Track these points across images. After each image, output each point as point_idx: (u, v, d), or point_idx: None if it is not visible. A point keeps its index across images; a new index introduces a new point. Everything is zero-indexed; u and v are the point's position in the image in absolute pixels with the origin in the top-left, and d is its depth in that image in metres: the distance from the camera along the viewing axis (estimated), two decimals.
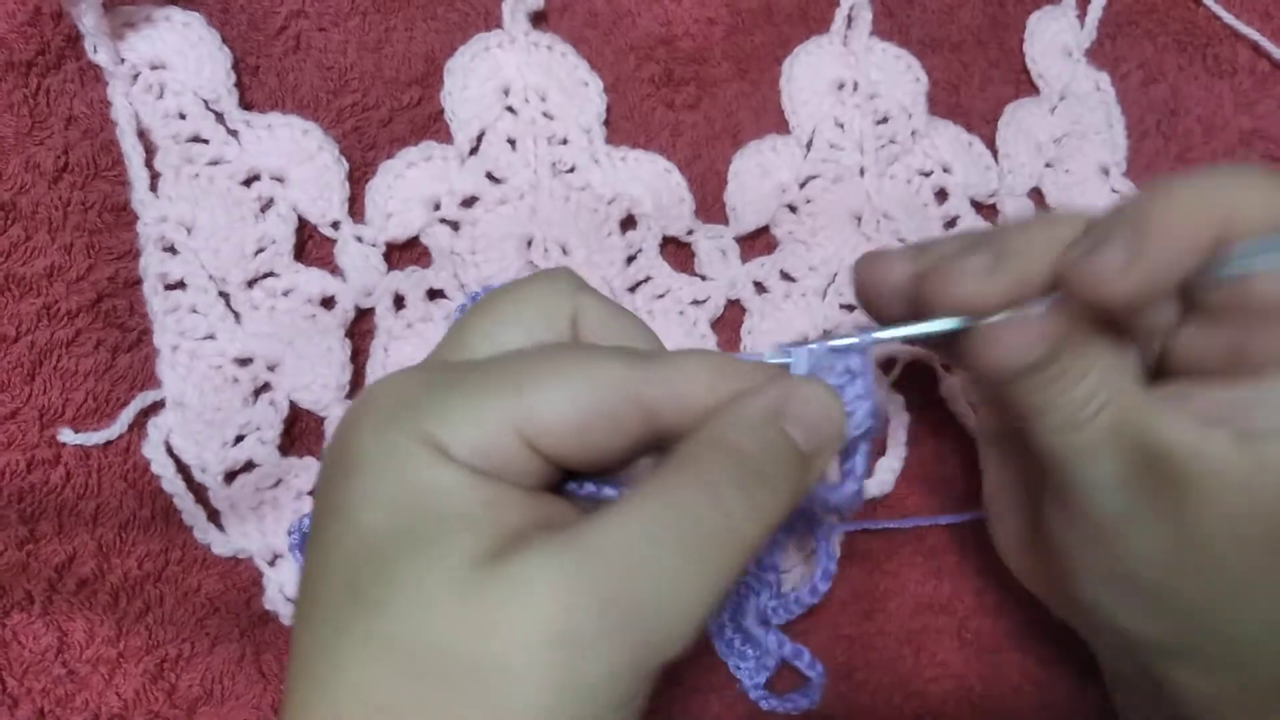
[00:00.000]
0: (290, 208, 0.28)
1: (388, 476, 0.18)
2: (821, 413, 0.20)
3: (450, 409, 0.18)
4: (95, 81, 0.26)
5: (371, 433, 0.19)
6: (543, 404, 0.18)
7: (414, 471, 0.18)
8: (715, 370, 0.20)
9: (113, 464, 0.26)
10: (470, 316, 0.21)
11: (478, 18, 0.30)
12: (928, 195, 0.34)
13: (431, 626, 0.17)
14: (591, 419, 0.19)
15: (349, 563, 0.18)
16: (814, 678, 0.28)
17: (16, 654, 0.25)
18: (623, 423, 0.19)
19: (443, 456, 0.18)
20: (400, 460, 0.18)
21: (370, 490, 0.18)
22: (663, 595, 0.17)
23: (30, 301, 0.26)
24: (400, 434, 0.18)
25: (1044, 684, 0.32)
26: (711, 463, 0.18)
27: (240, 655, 0.27)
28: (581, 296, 0.21)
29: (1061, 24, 0.36)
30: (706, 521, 0.18)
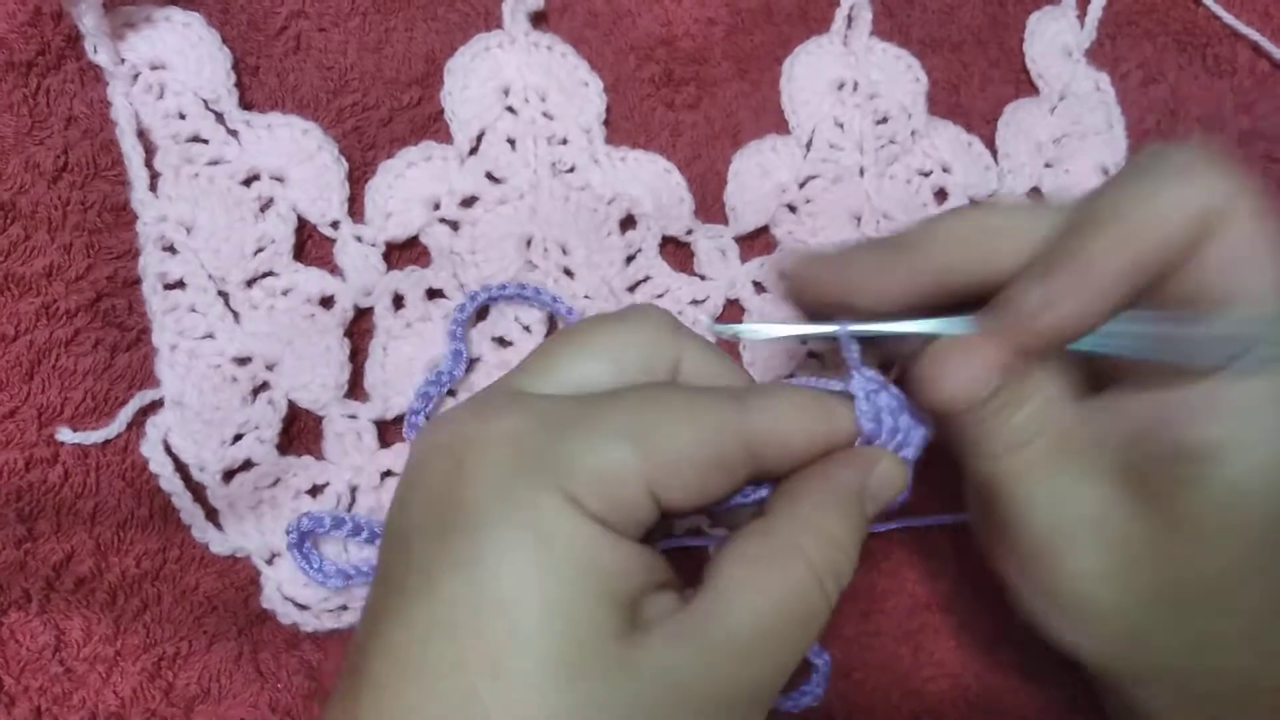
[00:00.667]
0: (290, 207, 0.28)
1: (523, 532, 0.18)
2: (893, 490, 0.22)
3: (578, 459, 0.18)
4: (95, 81, 0.26)
5: (498, 476, 0.18)
6: (670, 453, 0.19)
7: (562, 536, 0.18)
8: (805, 409, 0.21)
9: (111, 463, 0.26)
10: (560, 345, 0.21)
11: (478, 18, 0.30)
12: (927, 195, 0.34)
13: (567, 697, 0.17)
14: (711, 465, 0.19)
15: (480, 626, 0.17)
16: (820, 665, 0.28)
17: (14, 652, 0.25)
18: (734, 465, 0.20)
19: (580, 513, 0.18)
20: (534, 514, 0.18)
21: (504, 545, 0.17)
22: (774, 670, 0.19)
23: (29, 301, 0.26)
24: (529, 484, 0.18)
25: (1042, 683, 0.32)
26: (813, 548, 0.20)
27: (238, 653, 0.27)
28: (683, 340, 0.22)
29: (1061, 24, 0.36)
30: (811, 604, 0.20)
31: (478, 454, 0.19)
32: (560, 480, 0.18)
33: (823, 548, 0.20)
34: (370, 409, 0.28)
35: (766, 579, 0.19)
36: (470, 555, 0.18)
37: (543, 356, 0.21)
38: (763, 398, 0.21)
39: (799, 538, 0.20)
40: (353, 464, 0.28)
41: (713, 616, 0.19)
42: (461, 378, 0.28)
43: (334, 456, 0.28)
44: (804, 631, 0.20)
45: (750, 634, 0.19)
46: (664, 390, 0.20)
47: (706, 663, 0.18)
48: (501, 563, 0.17)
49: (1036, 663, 0.31)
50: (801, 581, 0.19)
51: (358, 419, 0.28)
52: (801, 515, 0.20)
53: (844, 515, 0.21)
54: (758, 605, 0.19)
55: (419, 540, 0.19)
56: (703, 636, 0.18)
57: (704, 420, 0.19)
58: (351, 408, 0.28)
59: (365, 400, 0.28)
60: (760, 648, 0.19)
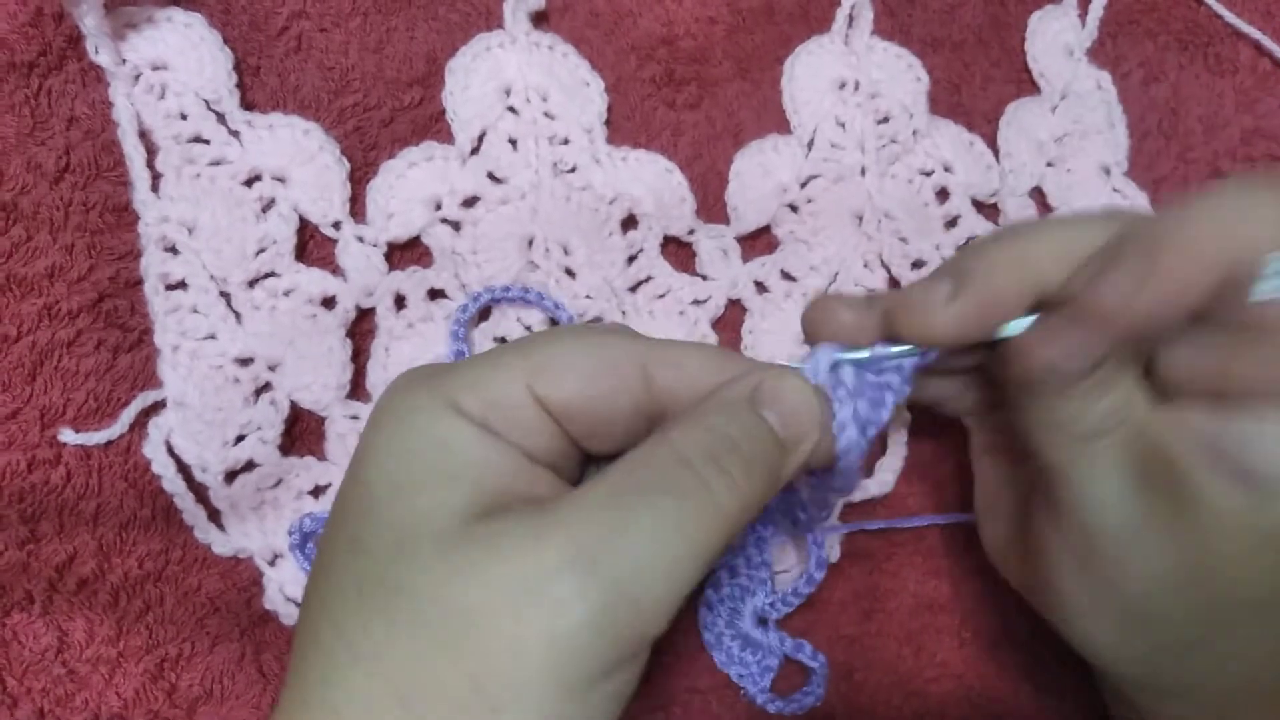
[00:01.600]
0: (291, 208, 0.28)
1: (398, 431, 0.19)
2: (799, 402, 0.20)
3: (468, 369, 0.20)
4: (97, 82, 0.26)
5: (393, 394, 0.20)
6: (555, 358, 0.20)
7: (423, 426, 0.19)
8: (717, 358, 0.21)
9: (113, 464, 0.26)
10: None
11: (479, 18, 0.30)
12: (929, 195, 0.34)
13: (414, 576, 0.17)
14: (598, 380, 0.20)
15: (351, 515, 0.19)
16: (817, 668, 0.29)
17: (16, 653, 0.25)
18: (627, 389, 0.20)
19: (454, 412, 0.19)
20: (411, 416, 0.19)
21: (381, 444, 0.19)
22: (635, 556, 0.17)
23: (31, 302, 0.26)
24: (418, 393, 0.19)
25: (1044, 684, 0.32)
26: (685, 435, 0.19)
27: (240, 655, 0.27)
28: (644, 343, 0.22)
29: (1063, 23, 0.36)
30: (678, 485, 0.18)
31: (400, 377, 0.20)
32: (442, 389, 0.19)
33: (702, 440, 0.19)
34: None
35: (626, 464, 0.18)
36: (360, 453, 0.19)
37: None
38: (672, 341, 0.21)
39: (673, 431, 0.19)
40: None
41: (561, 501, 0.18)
42: None
43: (336, 457, 0.28)
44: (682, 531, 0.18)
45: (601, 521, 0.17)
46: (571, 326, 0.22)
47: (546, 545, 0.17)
48: (375, 455, 0.19)
49: (1038, 663, 0.32)
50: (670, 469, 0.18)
51: (360, 420, 0.28)
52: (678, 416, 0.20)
53: (730, 414, 0.19)
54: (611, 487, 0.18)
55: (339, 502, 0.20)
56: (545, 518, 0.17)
57: (597, 342, 0.20)
58: (353, 408, 0.28)
59: (367, 401, 0.28)
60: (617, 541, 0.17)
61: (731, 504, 0.19)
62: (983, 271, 0.22)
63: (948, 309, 0.21)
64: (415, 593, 0.17)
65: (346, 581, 0.18)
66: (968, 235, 0.34)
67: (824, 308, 0.23)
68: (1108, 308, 0.20)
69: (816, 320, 0.23)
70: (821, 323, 0.23)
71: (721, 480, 0.18)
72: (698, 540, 0.18)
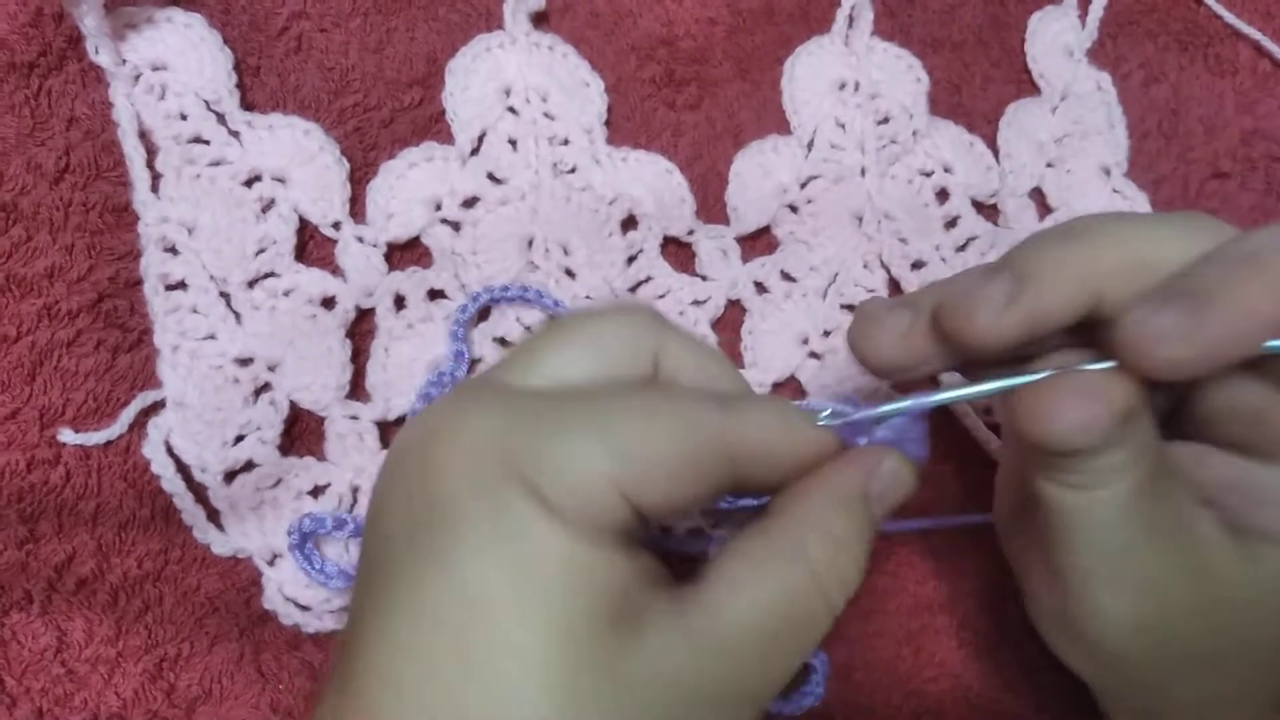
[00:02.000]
0: (291, 208, 0.28)
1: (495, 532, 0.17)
2: (901, 489, 0.21)
3: (548, 456, 0.18)
4: (97, 82, 0.26)
5: (468, 477, 0.18)
6: (642, 454, 0.18)
7: (524, 528, 0.17)
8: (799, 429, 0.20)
9: (113, 464, 0.26)
10: (543, 338, 0.21)
11: (479, 18, 0.30)
12: (929, 195, 0.34)
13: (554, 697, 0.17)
14: (685, 468, 0.19)
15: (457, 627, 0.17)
16: (817, 665, 0.28)
17: (15, 653, 0.25)
18: (710, 470, 0.19)
19: (549, 512, 0.17)
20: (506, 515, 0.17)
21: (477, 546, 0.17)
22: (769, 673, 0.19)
23: (31, 302, 0.26)
24: (501, 483, 0.18)
25: (1043, 684, 0.32)
26: (815, 548, 0.19)
27: (239, 655, 0.27)
28: (665, 334, 0.21)
29: (1063, 24, 0.36)
30: (811, 606, 0.19)
31: (450, 449, 0.18)
32: (531, 480, 0.18)
33: (825, 549, 0.19)
34: (372, 410, 0.28)
35: (765, 578, 0.19)
36: (442, 555, 0.17)
37: (524, 350, 0.21)
38: (749, 404, 0.20)
39: (801, 537, 0.20)
40: (354, 465, 0.28)
41: (709, 615, 0.18)
42: (463, 379, 0.28)
43: (336, 457, 0.28)
44: (803, 634, 0.19)
45: (747, 634, 0.18)
46: (644, 390, 0.20)
47: (701, 662, 0.18)
48: (477, 567, 0.17)
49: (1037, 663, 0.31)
50: (801, 582, 0.19)
51: (359, 420, 0.28)
52: (804, 515, 0.20)
53: (848, 515, 0.20)
54: (755, 605, 0.19)
55: (394, 538, 0.18)
56: (698, 635, 0.18)
57: (678, 421, 0.19)
58: (353, 408, 0.28)
59: (367, 401, 0.28)
60: (757, 649, 0.19)
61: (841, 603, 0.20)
62: (1046, 277, 0.20)
63: (1004, 315, 0.20)
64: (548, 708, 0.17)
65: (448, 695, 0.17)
66: (967, 236, 0.34)
67: (869, 332, 0.22)
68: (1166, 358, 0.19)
69: (866, 344, 0.22)
70: (872, 347, 0.22)
71: (841, 589, 0.20)
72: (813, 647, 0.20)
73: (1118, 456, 0.20)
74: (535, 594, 0.17)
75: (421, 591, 0.17)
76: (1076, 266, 0.20)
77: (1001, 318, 0.20)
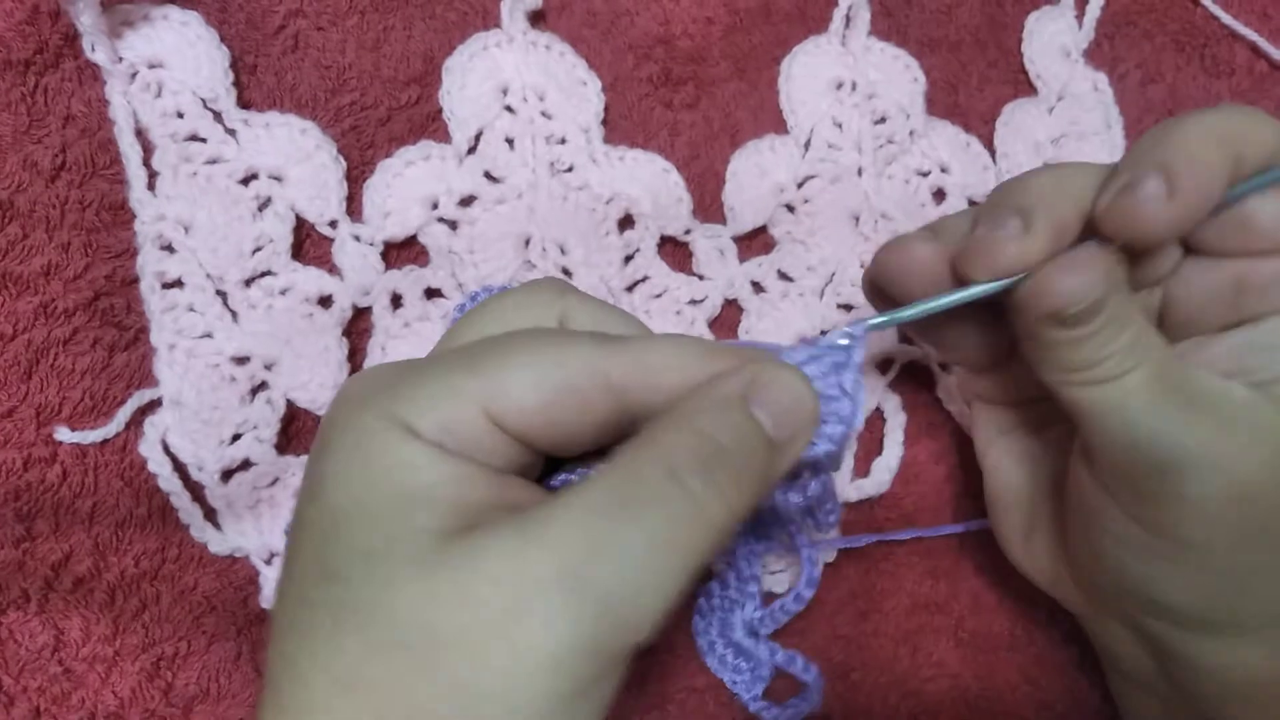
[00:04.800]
0: (288, 206, 0.28)
1: (356, 455, 0.18)
2: (793, 399, 0.19)
3: (418, 390, 0.19)
4: (93, 80, 0.26)
5: (344, 415, 0.19)
6: (508, 381, 0.19)
7: (380, 450, 0.18)
8: (689, 352, 0.19)
9: (109, 462, 0.26)
10: (461, 321, 0.22)
11: (476, 17, 0.30)
12: (926, 195, 0.34)
13: (392, 599, 0.17)
14: (557, 397, 0.19)
15: (318, 540, 0.18)
16: (810, 681, 0.28)
17: (13, 652, 0.25)
18: (590, 402, 0.19)
19: (409, 435, 0.18)
20: (368, 440, 0.18)
21: (339, 469, 0.18)
22: (624, 571, 0.17)
23: (27, 300, 0.26)
24: (369, 415, 0.19)
25: (1040, 683, 0.32)
26: (673, 443, 0.18)
27: (237, 653, 0.27)
28: (569, 297, 0.21)
29: (1060, 24, 0.36)
30: (667, 499, 0.17)
31: (342, 394, 0.20)
32: (397, 408, 0.18)
33: (690, 446, 0.18)
34: None
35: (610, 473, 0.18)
36: (315, 480, 0.19)
37: (448, 332, 0.22)
38: (639, 339, 0.20)
39: (657, 432, 0.18)
40: None
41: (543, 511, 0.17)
42: None
43: None
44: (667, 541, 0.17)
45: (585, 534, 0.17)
46: (522, 332, 0.20)
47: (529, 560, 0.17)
48: (333, 482, 0.18)
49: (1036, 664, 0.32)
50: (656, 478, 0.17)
51: None
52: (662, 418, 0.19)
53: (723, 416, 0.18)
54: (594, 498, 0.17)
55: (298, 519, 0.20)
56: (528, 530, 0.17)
57: (553, 355, 0.19)
58: None
59: None
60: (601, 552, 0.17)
61: (721, 515, 0.18)
62: (1044, 201, 0.22)
63: (1023, 243, 0.22)
64: (394, 617, 0.17)
65: (319, 609, 0.18)
66: None
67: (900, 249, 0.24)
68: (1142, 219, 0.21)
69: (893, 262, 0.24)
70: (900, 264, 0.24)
71: (711, 491, 0.18)
72: (687, 554, 0.18)
73: (1129, 334, 0.22)
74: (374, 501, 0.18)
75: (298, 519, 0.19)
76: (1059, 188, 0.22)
77: (1020, 246, 0.22)
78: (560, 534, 0.17)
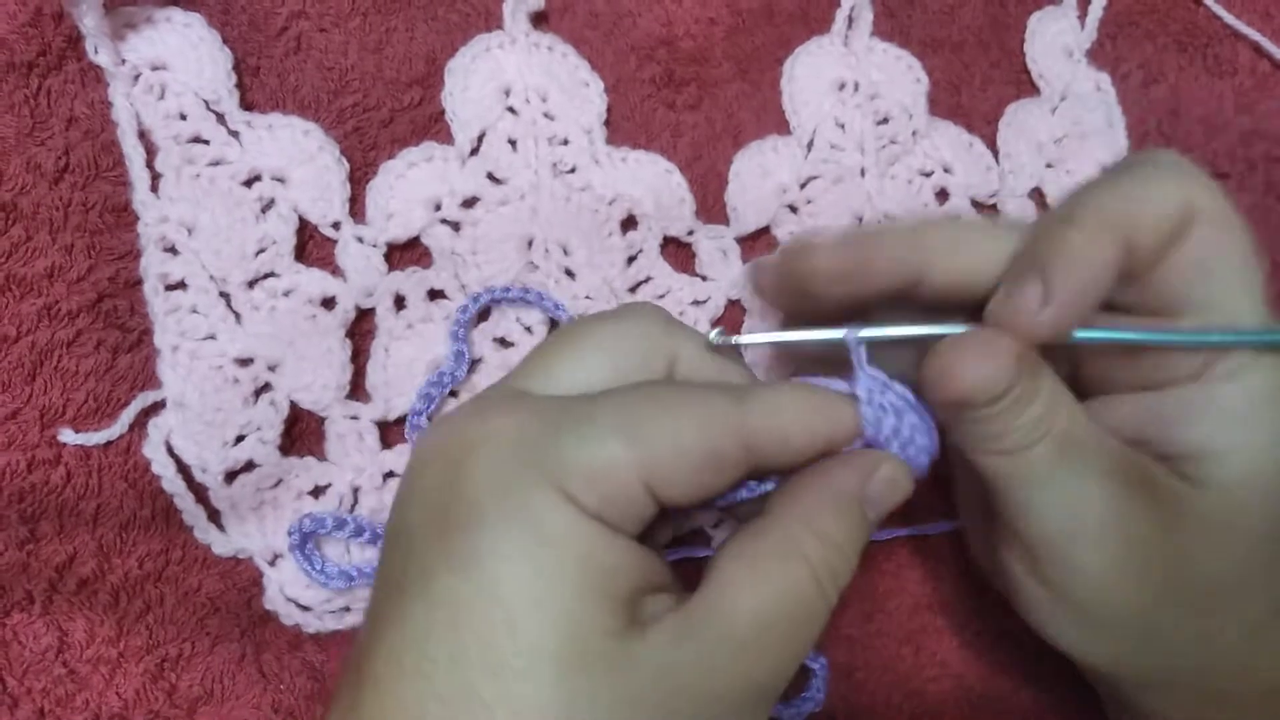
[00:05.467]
0: (291, 208, 0.28)
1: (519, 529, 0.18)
2: (896, 495, 0.21)
3: (574, 455, 0.18)
4: (96, 82, 0.26)
5: (496, 475, 0.18)
6: (666, 450, 0.19)
7: (543, 522, 0.18)
8: (806, 405, 0.21)
9: (113, 464, 0.26)
10: (558, 346, 0.21)
11: (478, 18, 0.30)
12: (928, 196, 0.34)
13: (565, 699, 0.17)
14: (707, 459, 0.19)
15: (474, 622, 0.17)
16: (817, 670, 0.29)
17: (17, 654, 0.25)
18: (730, 459, 0.20)
19: (570, 504, 0.18)
20: (527, 510, 0.18)
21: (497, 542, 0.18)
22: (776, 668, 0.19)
23: (31, 302, 0.26)
24: (525, 482, 0.18)
25: (1043, 683, 0.32)
26: (811, 548, 0.20)
27: (241, 655, 0.27)
28: (677, 334, 0.22)
29: (1062, 24, 0.36)
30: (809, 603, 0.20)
31: (476, 453, 0.19)
32: (555, 477, 0.18)
33: (821, 549, 0.20)
34: (372, 410, 0.28)
35: (765, 578, 0.19)
36: (467, 554, 0.18)
37: (540, 357, 0.21)
38: (762, 392, 0.21)
39: (798, 538, 0.20)
40: (355, 465, 0.28)
41: (712, 614, 0.19)
42: (463, 379, 0.28)
43: (336, 458, 0.28)
44: (803, 632, 0.20)
45: (749, 632, 0.19)
46: (659, 386, 0.21)
47: (705, 660, 0.18)
48: (497, 560, 0.18)
49: (1038, 663, 0.32)
50: (800, 581, 0.19)
51: (360, 420, 0.28)
52: (800, 515, 0.20)
53: (843, 517, 0.20)
54: (756, 603, 0.19)
55: (418, 540, 0.19)
56: (702, 634, 0.18)
57: (698, 414, 0.19)
58: (353, 409, 0.28)
59: (367, 401, 0.28)
60: (759, 647, 0.19)
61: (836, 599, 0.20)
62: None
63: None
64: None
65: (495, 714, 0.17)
66: None
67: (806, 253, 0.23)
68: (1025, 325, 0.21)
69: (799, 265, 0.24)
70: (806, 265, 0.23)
71: (836, 588, 0.20)
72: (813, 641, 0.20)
73: (1035, 409, 0.22)
74: (555, 591, 0.18)
75: (442, 589, 0.18)
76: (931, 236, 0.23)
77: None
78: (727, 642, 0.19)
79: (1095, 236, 0.21)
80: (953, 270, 0.23)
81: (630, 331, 0.21)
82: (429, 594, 0.18)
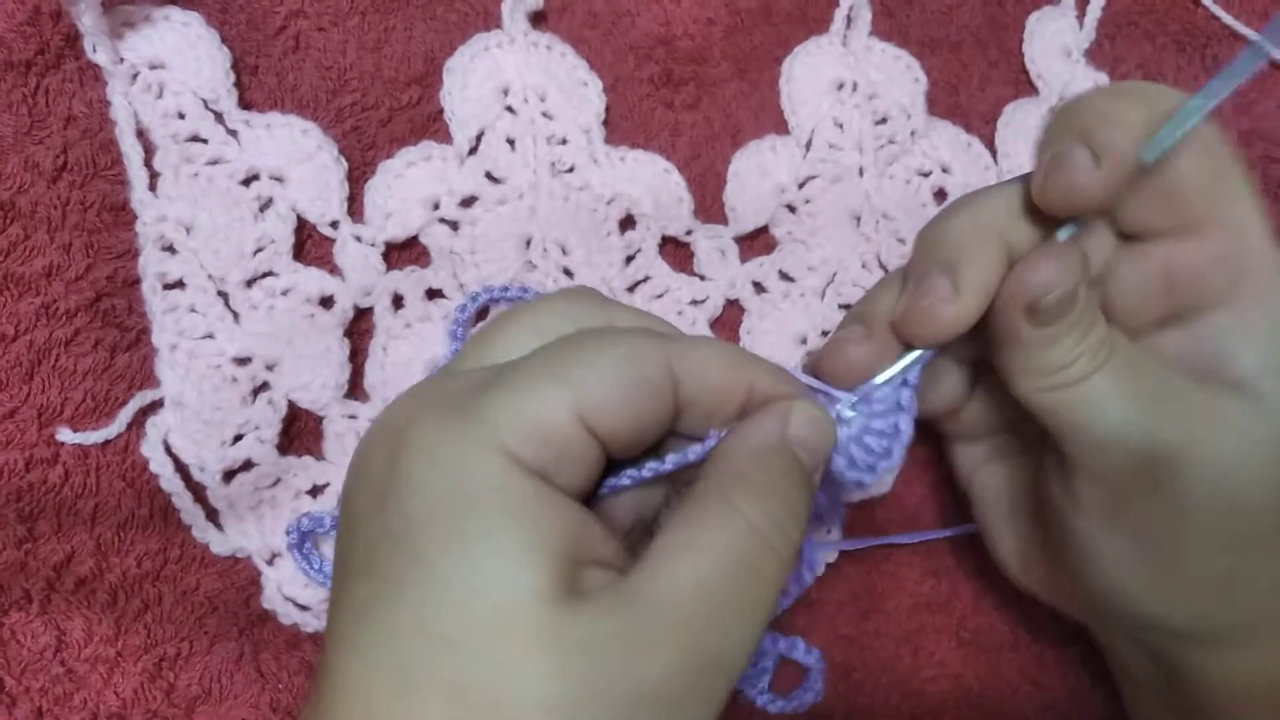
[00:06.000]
0: (289, 207, 0.28)
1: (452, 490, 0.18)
2: (821, 434, 0.21)
3: (505, 404, 0.18)
4: (94, 81, 0.26)
5: (428, 442, 0.18)
6: (595, 382, 0.19)
7: (482, 480, 0.18)
8: (726, 352, 0.21)
9: (111, 463, 0.26)
10: (492, 328, 0.21)
11: (477, 18, 0.30)
12: (927, 195, 0.34)
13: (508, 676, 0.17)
14: (637, 392, 0.19)
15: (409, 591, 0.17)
16: (813, 664, 0.29)
17: (15, 653, 0.25)
18: (661, 394, 0.20)
19: (509, 460, 0.18)
20: (463, 471, 0.18)
21: (431, 505, 0.18)
22: (728, 634, 0.18)
23: (29, 301, 0.26)
24: (461, 442, 0.18)
25: (1042, 683, 0.32)
26: (743, 499, 0.19)
27: (239, 654, 0.27)
28: (608, 310, 0.22)
29: (1061, 24, 0.36)
30: (760, 565, 0.19)
31: (410, 427, 0.19)
32: (489, 432, 0.18)
33: (757, 500, 0.19)
34: (370, 409, 0.28)
35: (703, 540, 0.19)
36: (401, 524, 0.18)
37: (476, 340, 0.21)
38: (688, 336, 0.21)
39: (730, 493, 0.19)
40: None
41: (650, 584, 0.18)
42: None
43: (334, 457, 0.28)
44: (755, 591, 0.19)
45: (692, 599, 0.18)
46: (584, 333, 0.20)
47: (644, 634, 0.17)
48: (429, 526, 0.17)
49: (1037, 663, 0.32)
50: (739, 538, 0.19)
51: (358, 419, 0.28)
52: (729, 470, 0.20)
53: (772, 463, 0.20)
54: (695, 568, 0.18)
55: (361, 520, 0.19)
56: (639, 605, 0.18)
57: (623, 346, 0.19)
58: (351, 408, 0.28)
59: (365, 400, 0.28)
60: (706, 614, 0.18)
61: (787, 550, 0.20)
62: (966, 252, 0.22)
63: (956, 306, 0.22)
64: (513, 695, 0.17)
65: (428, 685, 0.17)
66: None
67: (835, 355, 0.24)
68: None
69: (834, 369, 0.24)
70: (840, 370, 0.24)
71: (780, 534, 0.19)
72: (770, 596, 0.19)
73: (1096, 330, 0.22)
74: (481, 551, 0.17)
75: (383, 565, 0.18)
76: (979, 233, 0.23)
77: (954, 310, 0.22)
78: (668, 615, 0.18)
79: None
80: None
81: (563, 309, 0.21)
82: (372, 569, 0.18)
